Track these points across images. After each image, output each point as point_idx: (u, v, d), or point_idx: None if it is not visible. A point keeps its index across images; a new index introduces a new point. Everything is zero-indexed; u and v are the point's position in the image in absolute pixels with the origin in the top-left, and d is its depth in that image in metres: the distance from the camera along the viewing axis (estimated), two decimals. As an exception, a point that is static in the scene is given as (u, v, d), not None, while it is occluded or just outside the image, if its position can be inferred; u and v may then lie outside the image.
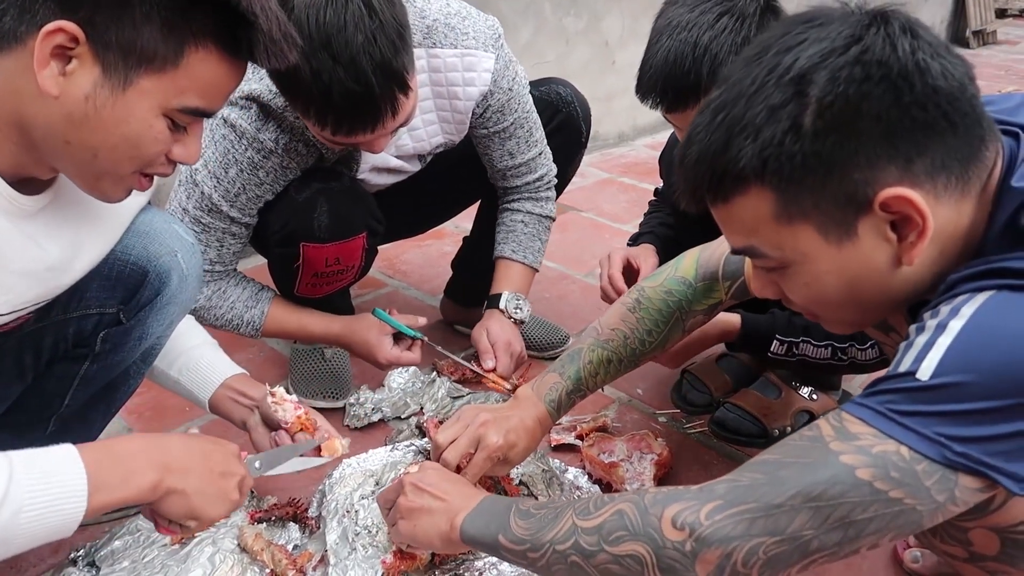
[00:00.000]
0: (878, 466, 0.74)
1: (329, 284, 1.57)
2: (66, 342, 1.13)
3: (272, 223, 1.49)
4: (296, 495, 1.36)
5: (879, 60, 0.75)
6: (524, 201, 1.72)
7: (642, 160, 3.36)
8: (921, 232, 0.77)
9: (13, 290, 0.94)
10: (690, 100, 1.28)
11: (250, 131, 1.40)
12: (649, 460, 1.45)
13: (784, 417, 1.58)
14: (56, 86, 0.82)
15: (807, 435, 0.80)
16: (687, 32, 1.26)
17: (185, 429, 1.60)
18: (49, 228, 0.96)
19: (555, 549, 0.88)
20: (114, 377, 1.20)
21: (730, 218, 0.85)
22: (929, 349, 0.75)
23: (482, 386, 1.73)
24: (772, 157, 0.77)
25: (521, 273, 1.70)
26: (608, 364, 1.25)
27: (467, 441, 1.16)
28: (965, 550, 0.90)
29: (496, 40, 1.52)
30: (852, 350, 1.41)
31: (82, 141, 0.86)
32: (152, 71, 0.84)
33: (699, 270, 1.25)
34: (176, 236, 1.14)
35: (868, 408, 0.77)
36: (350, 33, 1.17)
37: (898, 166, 0.76)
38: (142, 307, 1.12)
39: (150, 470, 0.89)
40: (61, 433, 1.20)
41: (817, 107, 0.75)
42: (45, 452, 0.84)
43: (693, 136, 0.83)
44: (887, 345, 1.09)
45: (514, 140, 1.62)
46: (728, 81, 0.82)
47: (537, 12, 3.06)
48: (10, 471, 0.80)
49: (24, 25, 0.80)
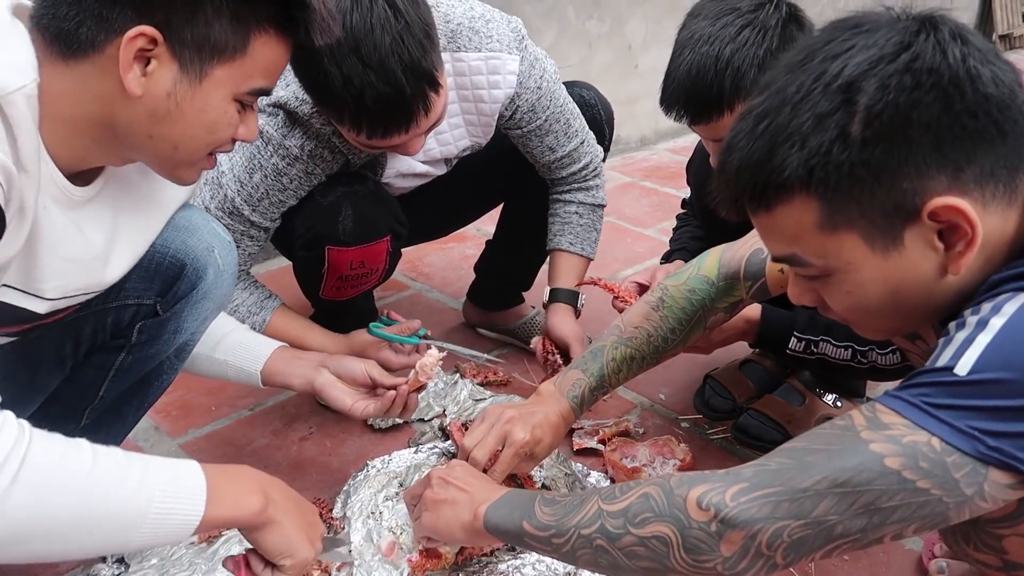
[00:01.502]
0: (907, 455, 0.74)
1: (354, 287, 1.58)
2: (104, 332, 1.15)
3: (297, 226, 1.50)
4: (321, 495, 1.37)
5: (930, 68, 0.74)
6: (576, 192, 1.72)
7: (664, 164, 3.36)
8: (970, 241, 0.76)
9: (64, 275, 0.98)
10: (714, 112, 1.29)
11: (276, 137, 1.42)
12: (672, 466, 1.45)
13: (808, 424, 1.57)
14: (140, 87, 0.87)
15: (839, 424, 0.80)
16: (709, 46, 1.26)
17: (212, 430, 1.62)
18: (94, 218, 1.00)
19: (580, 533, 0.89)
20: (148, 372, 1.22)
21: (772, 227, 0.84)
22: (969, 345, 0.74)
23: (505, 389, 1.74)
24: (819, 166, 0.76)
25: (580, 265, 1.71)
26: (631, 361, 1.25)
27: (494, 439, 1.17)
28: (999, 558, 0.90)
29: (520, 41, 1.53)
30: (873, 354, 1.40)
31: (164, 135, 0.92)
32: (224, 61, 0.90)
33: (721, 269, 1.26)
34: (214, 233, 1.17)
35: (902, 400, 0.76)
36: (378, 36, 1.18)
37: (947, 175, 0.75)
38: (178, 300, 1.15)
39: (260, 494, 0.92)
40: (95, 427, 1.22)
41: (866, 115, 0.75)
42: (169, 460, 0.88)
43: (734, 143, 0.82)
44: (912, 353, 1.08)
45: (552, 135, 1.62)
46: (771, 88, 0.81)
47: (560, 16, 3.06)
48: (145, 467, 0.84)
49: (103, 33, 0.85)
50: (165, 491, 0.83)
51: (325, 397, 1.33)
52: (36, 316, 0.99)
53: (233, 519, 0.90)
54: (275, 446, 1.58)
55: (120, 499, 0.80)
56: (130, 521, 0.81)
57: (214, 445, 1.57)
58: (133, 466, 0.83)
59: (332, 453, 1.56)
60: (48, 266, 0.95)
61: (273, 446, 1.58)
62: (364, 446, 1.57)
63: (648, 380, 1.69)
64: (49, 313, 1.00)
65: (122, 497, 0.81)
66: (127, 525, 0.81)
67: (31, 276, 0.94)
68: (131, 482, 0.81)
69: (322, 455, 1.55)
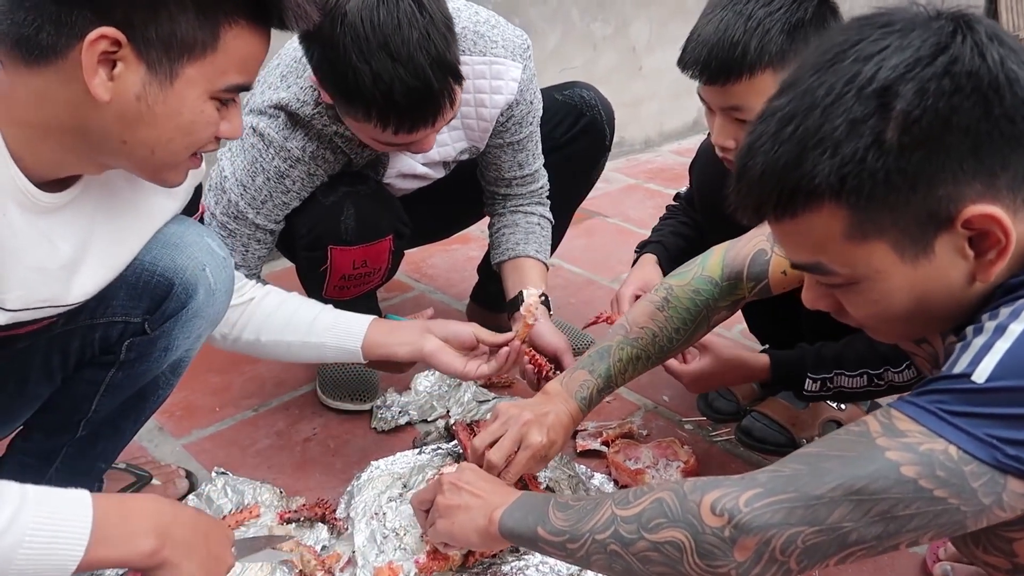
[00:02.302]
0: (924, 464, 0.72)
1: (357, 287, 1.59)
2: (92, 348, 1.14)
3: (299, 227, 1.51)
4: (324, 496, 1.37)
5: (969, 71, 0.72)
6: (536, 206, 1.73)
7: (668, 166, 3.35)
8: (1003, 250, 0.75)
9: (27, 285, 0.94)
10: (732, 72, 1.25)
11: (277, 140, 1.42)
12: (675, 468, 1.45)
13: (812, 427, 1.57)
14: (107, 91, 0.83)
15: (854, 430, 0.79)
16: (743, 5, 1.25)
17: (216, 430, 1.62)
18: (65, 227, 0.96)
19: (594, 539, 0.88)
20: (144, 386, 1.20)
21: (796, 234, 0.81)
22: (987, 352, 0.72)
23: (508, 390, 1.74)
24: (852, 174, 0.74)
25: (544, 273, 1.70)
26: (636, 361, 1.25)
27: (511, 442, 1.16)
28: (1009, 561, 0.89)
29: (525, 51, 1.54)
30: (888, 374, 1.38)
31: (139, 139, 0.88)
32: (194, 59, 0.86)
33: (725, 269, 1.25)
34: (207, 250, 1.13)
35: (918, 407, 0.75)
36: (405, 32, 1.19)
37: (982, 181, 0.73)
38: (167, 318, 1.12)
39: (153, 536, 0.88)
40: (91, 439, 1.22)
41: (903, 121, 0.72)
42: (60, 493, 0.84)
43: (756, 146, 0.79)
44: (917, 356, 1.07)
45: (525, 152, 1.65)
46: (797, 89, 0.77)
47: (564, 18, 3.07)
48: (21, 503, 0.81)
49: (64, 38, 0.82)
50: (36, 534, 0.80)
51: (435, 363, 1.31)
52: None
53: (121, 560, 0.87)
54: (279, 447, 1.58)
55: None
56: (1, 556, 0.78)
57: (218, 446, 1.58)
58: (8, 499, 0.80)
59: (336, 454, 1.56)
60: (10, 275, 0.91)
61: (277, 447, 1.58)
62: (368, 447, 1.57)
63: (651, 382, 1.69)
64: (10, 325, 0.96)
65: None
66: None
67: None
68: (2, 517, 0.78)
69: (326, 456, 1.55)
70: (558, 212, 1.78)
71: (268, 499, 1.35)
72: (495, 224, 1.73)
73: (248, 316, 1.30)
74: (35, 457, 1.20)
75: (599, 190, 2.00)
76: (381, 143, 1.36)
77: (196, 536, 0.93)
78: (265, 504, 1.34)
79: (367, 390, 1.69)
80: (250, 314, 1.30)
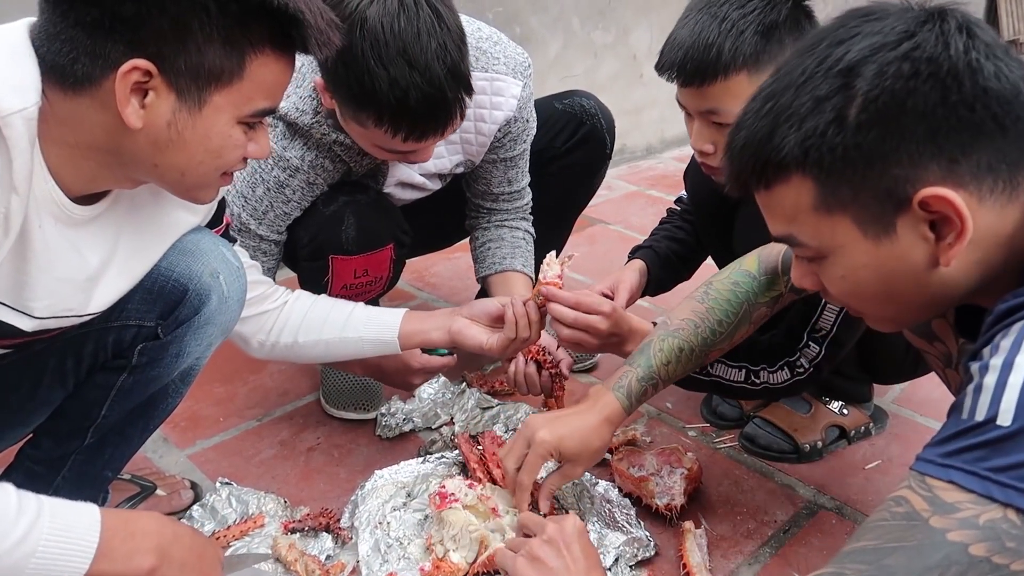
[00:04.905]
0: (990, 539, 0.68)
1: (358, 296, 1.59)
2: (105, 351, 1.15)
3: (300, 237, 1.52)
4: (329, 505, 1.38)
5: (929, 57, 0.74)
6: (521, 221, 1.75)
7: (670, 173, 3.36)
8: (960, 234, 0.76)
9: (55, 295, 0.98)
10: (708, 74, 1.27)
11: (276, 150, 1.43)
12: (679, 474, 1.44)
13: (815, 432, 1.57)
14: (139, 119, 0.88)
15: (898, 512, 0.74)
16: (717, 7, 1.27)
17: (220, 441, 1.63)
18: (94, 238, 1.00)
19: None
20: (153, 394, 1.21)
21: (771, 204, 0.86)
22: (1003, 390, 0.69)
23: (512, 398, 1.74)
24: (813, 147, 0.78)
25: (530, 287, 1.70)
26: (680, 352, 1.25)
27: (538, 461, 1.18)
28: None
29: (526, 69, 1.56)
30: (764, 373, 1.39)
31: (169, 162, 0.93)
32: (222, 86, 0.90)
33: (761, 265, 1.28)
34: (221, 258, 1.16)
35: (956, 469, 0.71)
36: (424, 40, 1.22)
37: (941, 165, 0.75)
38: (180, 324, 1.14)
39: (154, 555, 0.93)
40: (99, 446, 1.23)
41: (863, 100, 0.76)
42: (74, 507, 0.89)
43: (742, 122, 0.85)
44: (930, 355, 1.07)
45: (515, 169, 1.67)
46: (780, 70, 0.83)
47: (565, 26, 3.08)
48: (38, 515, 0.85)
49: (98, 69, 0.86)
50: (48, 546, 0.84)
51: (462, 339, 1.36)
52: (21, 332, 0.98)
53: (120, 574, 0.91)
54: (283, 456, 1.58)
55: (7, 544, 0.82)
56: (14, 563, 0.83)
57: (222, 456, 1.58)
58: (28, 510, 0.84)
59: (340, 463, 1.56)
60: (40, 284, 0.95)
61: (281, 456, 1.58)
62: (372, 456, 1.57)
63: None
64: (35, 332, 1.00)
65: (10, 542, 0.82)
66: (10, 567, 0.83)
67: (21, 294, 0.95)
68: (19, 529, 0.83)
69: (330, 465, 1.56)
70: (559, 220, 1.78)
71: (272, 509, 1.36)
72: (479, 238, 1.75)
73: (284, 320, 1.35)
74: (43, 465, 1.22)
75: (601, 197, 2.01)
76: (384, 150, 1.37)
77: (192, 556, 0.99)
78: (269, 514, 1.35)
79: (370, 399, 1.69)
80: (285, 317, 1.35)
